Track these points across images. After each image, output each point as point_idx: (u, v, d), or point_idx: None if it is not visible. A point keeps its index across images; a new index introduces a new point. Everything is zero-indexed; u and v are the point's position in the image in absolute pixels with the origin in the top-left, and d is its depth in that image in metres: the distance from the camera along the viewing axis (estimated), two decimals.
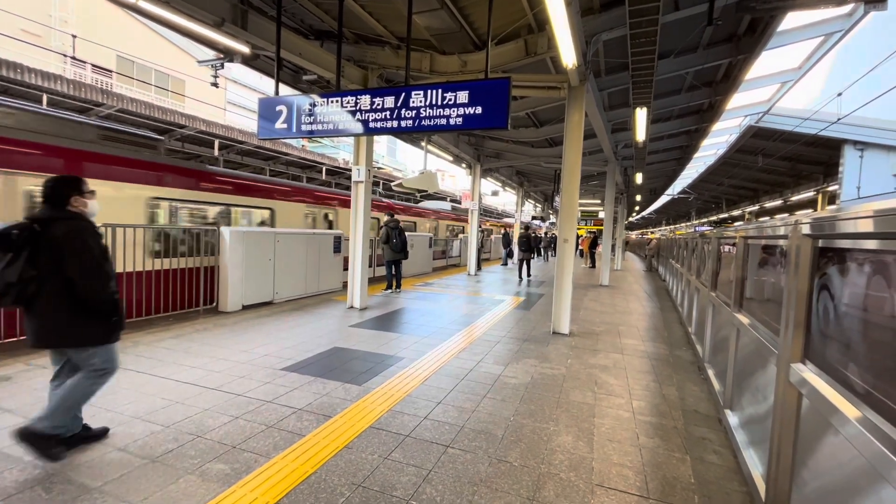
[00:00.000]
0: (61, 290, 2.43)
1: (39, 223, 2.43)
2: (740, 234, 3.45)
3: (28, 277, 2.36)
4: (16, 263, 2.33)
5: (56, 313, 2.45)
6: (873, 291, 1.56)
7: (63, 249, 2.41)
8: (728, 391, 3.39)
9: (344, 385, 3.84)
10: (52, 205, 2.51)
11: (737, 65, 7.68)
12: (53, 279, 2.42)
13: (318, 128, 5.02)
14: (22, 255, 2.35)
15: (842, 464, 1.52)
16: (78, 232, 2.47)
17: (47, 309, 2.44)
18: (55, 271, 2.41)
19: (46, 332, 2.47)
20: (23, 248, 2.36)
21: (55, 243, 2.41)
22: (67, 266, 2.42)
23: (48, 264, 2.40)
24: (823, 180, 17.73)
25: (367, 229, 7.40)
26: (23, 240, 2.36)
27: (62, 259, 2.41)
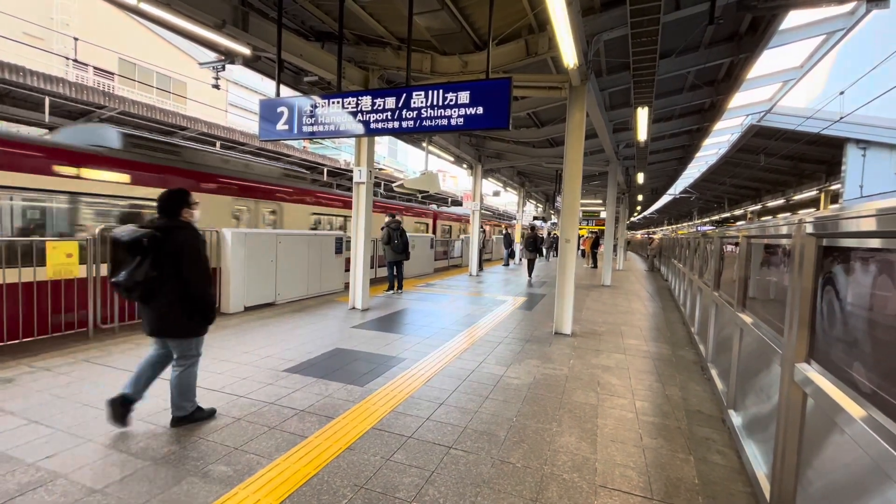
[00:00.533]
0: (175, 289, 2.82)
1: (160, 231, 2.80)
2: (743, 234, 3.44)
3: (151, 277, 2.73)
4: (143, 265, 2.73)
5: (171, 308, 2.84)
6: (877, 290, 1.55)
7: (182, 255, 2.81)
8: (731, 391, 3.38)
9: (346, 386, 3.83)
10: (168, 215, 2.91)
11: (738, 64, 7.66)
12: (170, 279, 2.79)
13: (319, 129, 5.02)
14: (148, 259, 2.74)
15: (847, 464, 1.51)
16: (194, 240, 2.90)
17: (164, 304, 2.83)
18: (172, 273, 2.79)
19: (162, 324, 2.89)
20: (148, 253, 2.74)
21: (175, 249, 2.80)
22: (184, 269, 2.82)
23: (168, 267, 2.78)
24: (826, 179, 17.68)
25: (368, 230, 7.40)
26: (149, 245, 2.73)
27: (180, 263, 2.80)
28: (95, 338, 5.05)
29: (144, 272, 2.72)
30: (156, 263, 2.75)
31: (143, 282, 2.72)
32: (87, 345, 4.76)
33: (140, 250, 2.73)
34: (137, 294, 2.76)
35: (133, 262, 2.73)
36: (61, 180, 5.39)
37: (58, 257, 4.82)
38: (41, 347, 4.61)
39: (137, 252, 2.73)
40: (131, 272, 2.71)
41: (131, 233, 2.74)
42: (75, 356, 4.36)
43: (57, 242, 4.85)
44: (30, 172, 5.08)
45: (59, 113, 10.58)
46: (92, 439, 2.76)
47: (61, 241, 4.92)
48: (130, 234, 2.74)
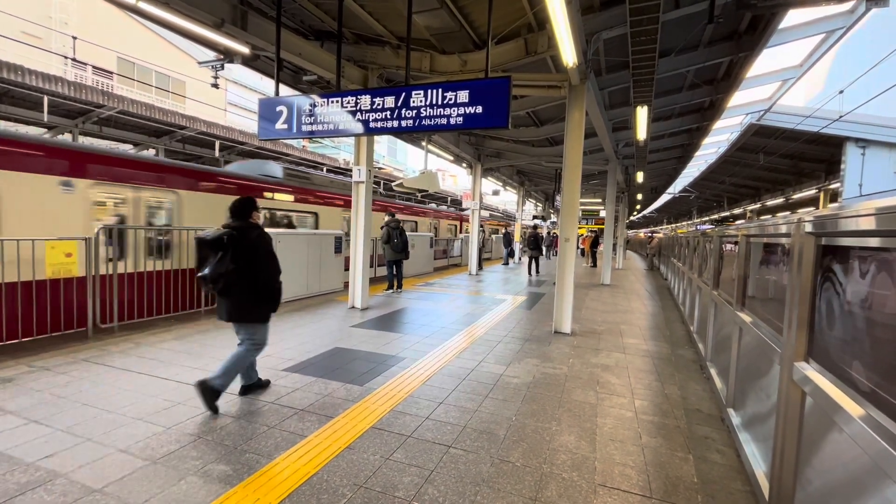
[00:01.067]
0: (249, 281, 3.22)
1: (236, 231, 3.23)
2: (742, 233, 3.44)
3: (229, 271, 3.13)
4: (224, 260, 3.14)
5: (246, 298, 3.27)
6: (876, 289, 1.55)
7: (256, 251, 3.26)
8: (730, 390, 3.38)
9: (346, 385, 3.84)
10: (240, 218, 3.36)
11: (738, 63, 7.66)
12: (244, 272, 3.19)
13: (318, 128, 5.02)
14: (227, 254, 3.15)
15: (846, 462, 1.51)
16: (265, 238, 3.35)
17: (240, 294, 3.24)
18: (246, 266, 3.20)
19: (237, 312, 3.31)
20: (228, 249, 3.16)
21: (250, 246, 3.24)
22: (257, 263, 3.25)
23: (243, 261, 3.19)
24: (825, 178, 17.68)
25: (368, 229, 7.39)
26: (227, 243, 3.16)
27: (254, 258, 3.24)
28: (95, 337, 5.05)
29: (225, 266, 3.13)
30: (233, 258, 3.16)
31: (224, 274, 3.13)
32: (86, 344, 4.76)
33: (220, 248, 3.17)
34: (220, 285, 3.16)
35: (216, 258, 3.15)
36: (271, 202, 8.54)
37: (56, 257, 4.82)
38: (40, 347, 4.60)
39: (219, 249, 3.17)
40: (215, 266, 3.14)
41: (214, 233, 3.20)
42: (74, 356, 4.36)
43: (56, 242, 4.84)
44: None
45: (57, 112, 10.57)
46: (91, 439, 2.75)
47: (60, 240, 4.92)
48: (213, 234, 3.20)
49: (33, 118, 10.34)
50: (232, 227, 3.27)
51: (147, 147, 13.71)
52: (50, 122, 10.58)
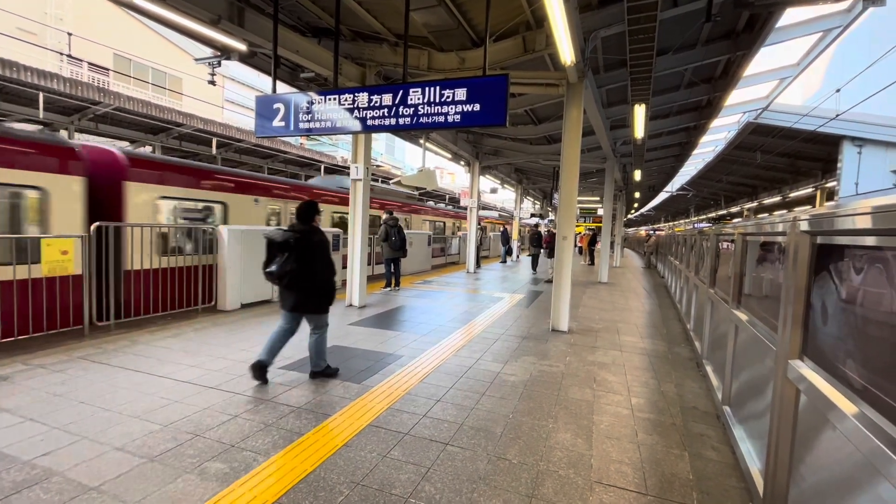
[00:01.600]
0: (311, 277, 3.64)
1: (300, 233, 3.63)
2: (739, 231, 3.45)
3: (293, 269, 3.55)
4: (290, 259, 3.55)
5: (307, 293, 3.69)
6: (871, 288, 1.56)
7: (315, 253, 3.64)
8: (726, 387, 3.40)
9: (343, 383, 3.84)
10: (304, 222, 3.74)
11: (735, 61, 7.67)
12: (307, 270, 3.61)
13: (315, 125, 5.00)
14: (293, 255, 3.56)
15: (839, 460, 1.52)
16: (325, 240, 3.76)
17: (303, 289, 3.66)
18: (306, 266, 3.60)
19: (302, 303, 3.73)
20: (293, 250, 3.57)
21: (312, 247, 3.64)
22: (316, 264, 3.65)
23: (304, 261, 3.59)
24: (822, 177, 17.74)
25: (365, 227, 7.39)
26: (291, 244, 3.57)
27: (313, 259, 3.63)
28: (91, 335, 5.03)
29: (290, 265, 3.54)
30: (297, 259, 3.57)
31: (288, 272, 3.55)
32: (82, 342, 4.75)
33: (287, 248, 3.58)
34: (286, 281, 3.60)
35: (283, 256, 3.57)
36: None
37: (52, 254, 4.79)
38: (36, 345, 4.59)
39: (285, 249, 3.58)
40: (282, 264, 3.56)
41: (282, 234, 3.61)
42: (70, 354, 4.35)
43: (52, 239, 4.82)
44: None
45: (53, 109, 10.50)
46: (87, 437, 2.75)
47: (56, 237, 4.90)
48: (281, 235, 3.61)
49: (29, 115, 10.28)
50: (297, 231, 3.67)
51: (143, 144, 13.65)
52: (45, 119, 10.52)
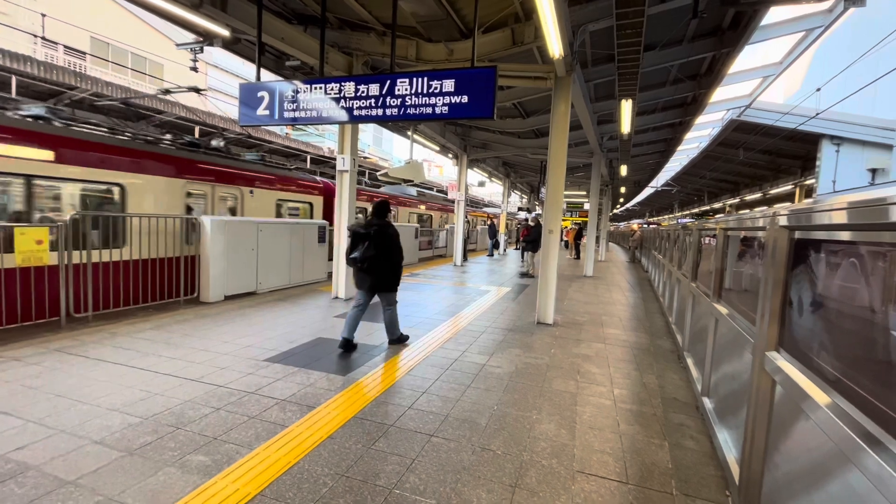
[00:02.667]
0: (386, 263, 4.41)
1: (378, 226, 4.35)
2: (720, 226, 3.51)
3: (372, 255, 4.28)
4: (369, 247, 4.27)
5: (384, 275, 4.47)
6: (846, 282, 1.61)
7: (391, 241, 4.43)
8: (706, 379, 3.48)
9: (328, 375, 3.82)
10: (380, 217, 4.48)
11: (720, 58, 7.76)
12: (383, 257, 4.36)
13: (301, 115, 4.92)
14: (372, 243, 4.28)
15: (811, 448, 1.57)
16: (396, 233, 4.52)
17: (380, 272, 4.42)
18: (383, 253, 4.35)
19: (379, 285, 4.50)
20: (372, 239, 4.28)
21: (388, 238, 4.40)
22: (392, 250, 4.44)
23: (382, 249, 4.34)
24: (801, 174, 18.15)
25: (352, 219, 7.32)
26: (372, 235, 4.29)
27: (389, 247, 4.41)
28: (68, 327, 4.91)
29: (371, 252, 4.26)
30: (375, 247, 4.29)
31: (369, 257, 4.27)
32: (59, 334, 4.63)
33: (368, 238, 4.29)
34: (366, 265, 4.30)
35: (363, 245, 4.28)
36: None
37: (27, 244, 4.65)
38: (10, 337, 4.46)
39: (367, 239, 4.29)
40: (364, 251, 4.27)
41: (365, 226, 4.34)
42: (47, 346, 4.24)
43: (26, 228, 4.67)
44: None
45: (27, 94, 10.13)
46: (65, 430, 2.69)
47: (30, 226, 4.75)
48: (364, 227, 4.33)
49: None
50: (376, 224, 4.38)
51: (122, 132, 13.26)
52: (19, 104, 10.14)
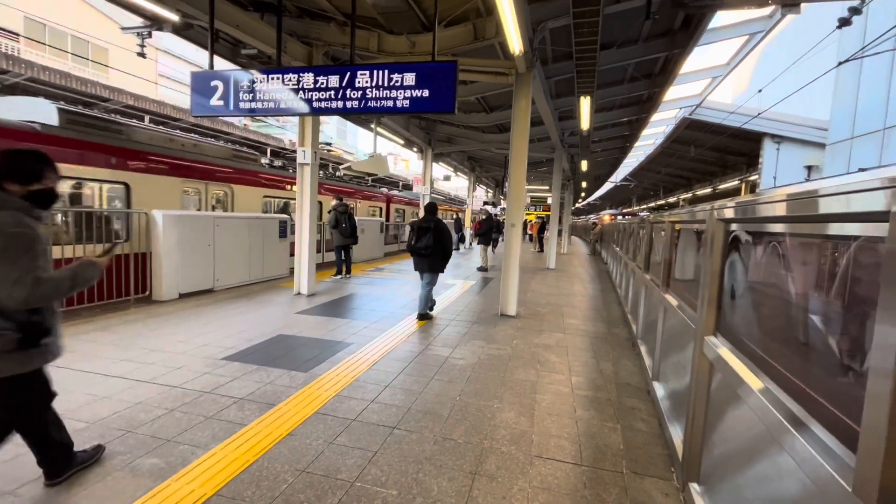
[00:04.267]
0: (439, 251, 5.60)
1: (433, 222, 5.58)
2: (669, 220, 3.70)
3: (431, 244, 5.51)
4: (429, 237, 5.50)
5: (437, 260, 5.65)
6: (772, 271, 1.75)
7: (444, 233, 5.60)
8: (655, 365, 3.68)
9: (289, 372, 3.76)
10: (432, 214, 5.71)
11: (672, 59, 8.11)
12: (437, 246, 5.55)
13: (258, 106, 4.77)
14: (431, 235, 5.49)
15: (742, 424, 1.70)
16: (447, 226, 5.73)
17: (434, 258, 5.62)
18: (440, 242, 5.55)
19: (432, 267, 5.70)
20: (430, 232, 5.51)
21: (441, 231, 5.58)
22: (444, 241, 5.60)
23: (436, 239, 5.53)
24: (746, 170, 19.28)
25: (314, 213, 7.18)
26: (430, 229, 5.52)
27: (442, 238, 5.57)
28: None
29: (429, 241, 5.53)
30: (433, 238, 5.53)
31: (429, 246, 5.53)
32: None
33: (428, 231, 5.56)
34: (425, 252, 5.58)
35: (425, 237, 5.54)
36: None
37: None
38: None
39: (427, 232, 5.56)
40: (425, 242, 5.54)
41: (425, 221, 5.65)
42: None
43: None
44: None
45: None
46: None
47: None
48: (425, 222, 5.64)
49: None
50: (432, 220, 5.65)
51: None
52: None
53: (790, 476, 1.25)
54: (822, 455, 1.05)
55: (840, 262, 1.22)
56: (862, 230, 0.98)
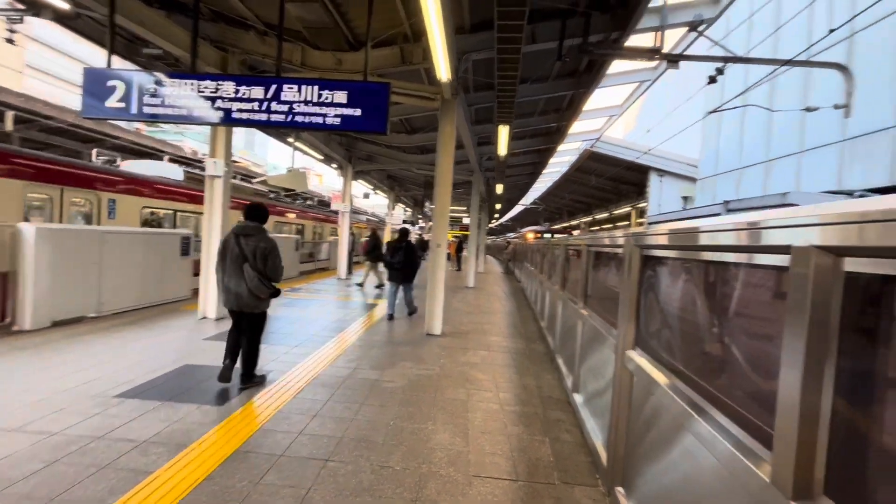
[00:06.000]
0: (409, 265, 7.16)
1: (405, 243, 7.16)
2: (585, 244, 4.05)
3: (403, 260, 7.07)
4: (401, 254, 7.06)
5: (408, 272, 7.22)
6: (680, 289, 2.01)
7: (414, 251, 7.21)
8: (575, 377, 3.96)
9: (200, 407, 3.38)
10: (404, 237, 7.25)
11: (578, 96, 9.00)
12: (407, 262, 7.11)
13: (166, 112, 4.34)
14: (402, 252, 7.06)
15: (662, 428, 1.91)
16: (415, 246, 7.35)
17: (406, 271, 7.19)
18: (408, 258, 7.10)
19: (405, 278, 7.26)
20: (402, 250, 7.08)
21: (411, 250, 7.15)
22: (413, 257, 7.18)
23: (405, 256, 7.07)
24: (637, 198, 21.82)
25: (225, 229, 6.62)
26: (402, 248, 7.10)
27: (412, 255, 7.14)
28: None
29: (401, 258, 7.00)
30: (404, 254, 7.02)
31: (401, 261, 7.01)
32: None
33: (400, 249, 7.03)
34: (398, 266, 7.07)
35: (398, 254, 7.00)
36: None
37: None
38: None
39: (399, 250, 7.01)
40: (399, 258, 7.02)
41: (399, 242, 7.10)
42: None
43: None
44: None
45: None
46: None
47: None
48: (399, 242, 7.09)
49: None
50: (405, 241, 7.14)
51: None
52: None
53: (710, 471, 1.43)
54: (741, 452, 1.23)
55: (748, 284, 1.45)
56: (768, 260, 1.19)
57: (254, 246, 3.70)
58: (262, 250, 3.71)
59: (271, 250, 3.75)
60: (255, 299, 3.74)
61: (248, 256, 3.67)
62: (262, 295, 3.74)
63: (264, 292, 3.74)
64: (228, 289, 3.72)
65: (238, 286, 3.68)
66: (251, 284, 3.65)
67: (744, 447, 1.24)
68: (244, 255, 3.67)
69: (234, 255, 3.69)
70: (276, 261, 3.77)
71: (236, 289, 3.69)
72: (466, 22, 6.05)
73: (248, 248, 3.69)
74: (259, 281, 3.68)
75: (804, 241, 0.99)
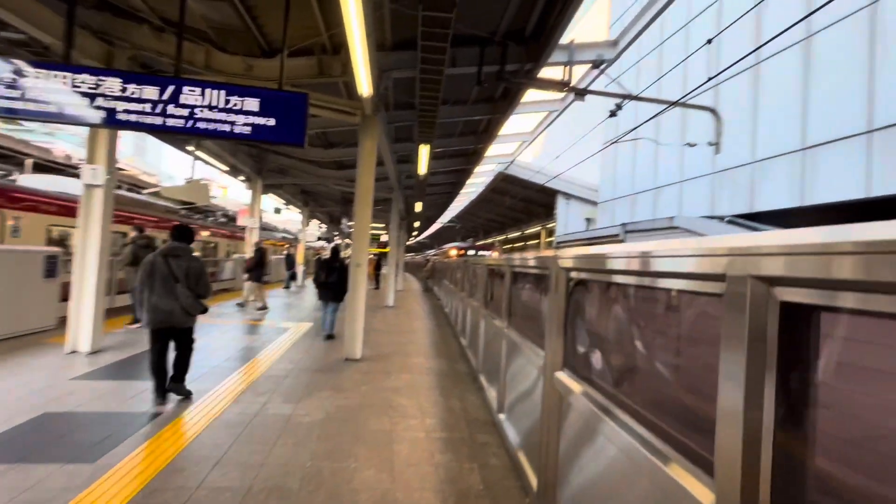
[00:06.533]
0: (340, 284, 7.16)
1: (339, 262, 7.35)
2: (510, 265, 4.12)
3: (335, 280, 7.24)
4: (335, 274, 7.26)
5: (339, 291, 7.26)
6: (607, 312, 2.07)
7: (346, 271, 6.85)
8: (500, 397, 3.95)
9: (64, 467, 2.76)
10: (337, 256, 7.41)
11: (494, 121, 9.40)
12: (340, 280, 7.18)
13: (29, 107, 3.62)
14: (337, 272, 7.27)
15: (594, 448, 1.92)
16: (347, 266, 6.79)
17: (338, 290, 7.27)
18: (340, 277, 7.19)
19: (336, 297, 7.34)
20: (336, 270, 7.28)
21: (344, 269, 7.10)
22: (344, 275, 6.96)
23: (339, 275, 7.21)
24: (546, 218, 23.35)
25: (105, 247, 5.70)
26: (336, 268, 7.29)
27: (344, 274, 7.04)
28: None
29: (335, 277, 7.19)
30: (338, 274, 7.19)
31: (335, 281, 7.19)
32: None
33: (334, 269, 7.22)
34: (332, 285, 7.22)
35: (333, 274, 7.19)
36: None
37: None
38: None
39: (334, 270, 7.22)
40: (334, 278, 7.18)
41: (333, 262, 7.27)
42: None
43: None
44: None
45: None
46: None
47: None
48: (333, 262, 7.26)
49: None
50: (338, 259, 7.32)
51: None
52: None
53: (646, 494, 1.43)
54: (679, 476, 1.24)
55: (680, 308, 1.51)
56: (701, 287, 1.24)
57: (186, 266, 3.86)
58: (195, 270, 3.90)
59: (202, 270, 3.96)
60: (187, 315, 3.90)
61: (178, 277, 3.80)
62: (195, 312, 3.94)
63: (197, 310, 3.94)
64: (157, 307, 3.77)
65: (170, 305, 3.79)
66: (185, 303, 3.82)
67: (683, 471, 1.25)
68: (174, 275, 3.79)
69: (164, 275, 3.78)
70: (207, 279, 4.03)
71: (168, 307, 3.78)
72: (388, 39, 6.00)
73: (179, 269, 3.81)
74: (193, 300, 3.87)
75: (740, 270, 1.03)
